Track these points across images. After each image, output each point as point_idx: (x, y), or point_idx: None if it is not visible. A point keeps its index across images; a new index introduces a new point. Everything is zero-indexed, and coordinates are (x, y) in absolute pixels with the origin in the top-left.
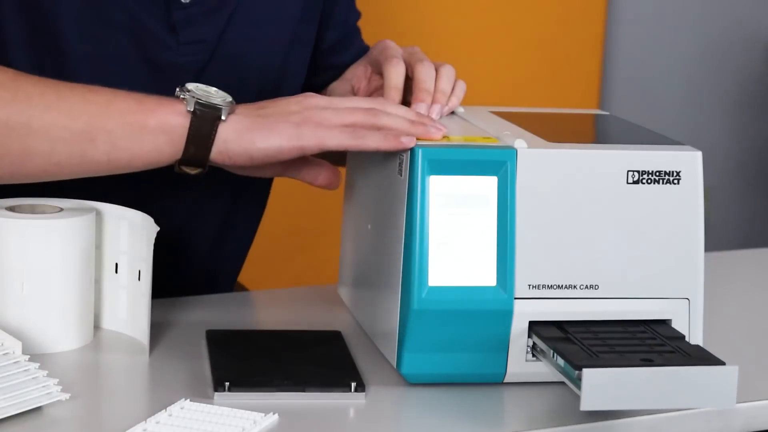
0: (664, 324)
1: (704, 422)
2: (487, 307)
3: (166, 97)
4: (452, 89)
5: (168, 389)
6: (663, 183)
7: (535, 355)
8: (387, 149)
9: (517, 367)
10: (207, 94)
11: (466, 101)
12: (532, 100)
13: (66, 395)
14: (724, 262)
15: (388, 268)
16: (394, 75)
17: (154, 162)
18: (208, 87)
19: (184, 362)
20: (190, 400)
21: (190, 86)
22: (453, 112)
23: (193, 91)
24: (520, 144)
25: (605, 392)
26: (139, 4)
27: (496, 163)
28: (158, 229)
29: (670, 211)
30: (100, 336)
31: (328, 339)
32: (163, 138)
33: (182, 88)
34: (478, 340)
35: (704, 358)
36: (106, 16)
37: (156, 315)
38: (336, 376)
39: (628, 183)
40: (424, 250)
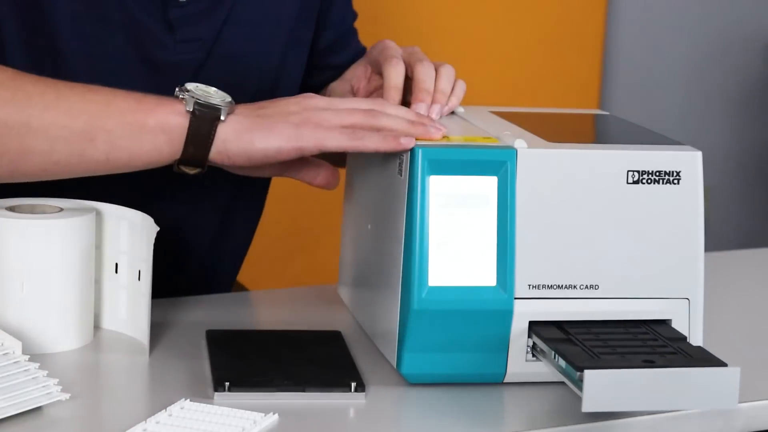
0: (664, 324)
1: (704, 422)
2: (487, 307)
3: (165, 97)
4: (452, 89)
5: (168, 389)
6: (663, 183)
7: (535, 355)
8: (386, 150)
9: (517, 367)
10: (206, 95)
11: (466, 101)
12: (532, 100)
13: (66, 395)
14: (724, 262)
15: (388, 268)
16: (394, 75)
17: (154, 162)
18: (208, 87)
19: (184, 362)
20: (190, 400)
21: (189, 86)
22: (453, 112)
23: (193, 91)
24: (520, 144)
25: (607, 394)
26: (136, 3)
27: (496, 163)
28: (158, 229)
29: (670, 211)
30: (100, 336)
31: (328, 339)
32: (163, 138)
33: (182, 88)
34: (478, 340)
35: (706, 359)
36: (102, 15)
37: (156, 315)
38: (336, 376)
39: (628, 183)
40: (424, 250)
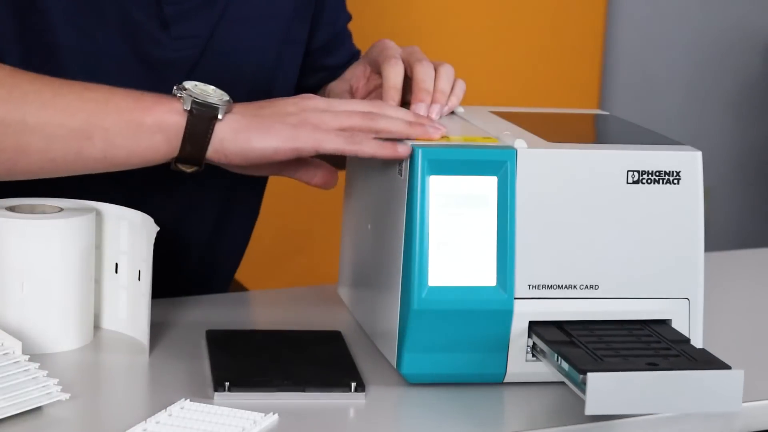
0: (664, 324)
1: (704, 422)
2: (487, 307)
3: (163, 95)
4: (452, 88)
5: (168, 389)
6: (663, 183)
7: (535, 355)
8: (382, 157)
9: (517, 367)
10: (204, 93)
11: (466, 101)
12: (532, 100)
13: (66, 395)
14: (724, 262)
15: (388, 268)
16: (393, 75)
17: (151, 160)
18: (206, 85)
19: (184, 362)
20: (190, 400)
21: (187, 84)
22: (453, 112)
23: (191, 90)
24: (520, 144)
25: (610, 396)
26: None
27: (496, 163)
28: (158, 229)
29: (670, 211)
30: (100, 336)
31: (328, 339)
32: (160, 136)
33: (179, 86)
34: (478, 340)
35: (709, 361)
36: (97, 11)
37: (156, 315)
38: (336, 376)
39: (628, 183)
40: (424, 250)
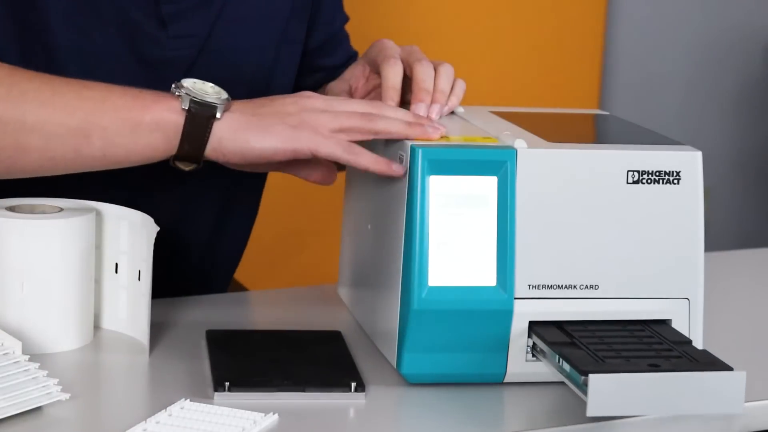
0: (664, 324)
1: (704, 422)
2: (487, 307)
3: (161, 93)
4: (451, 88)
5: (168, 389)
6: (663, 183)
7: (535, 355)
8: (376, 172)
9: (517, 367)
10: (203, 91)
11: (466, 101)
12: (532, 100)
13: (66, 395)
14: (724, 262)
15: (388, 268)
16: (392, 75)
17: (149, 158)
18: (204, 83)
19: (184, 362)
20: (190, 400)
21: (186, 82)
22: (453, 112)
23: (189, 88)
24: (520, 144)
25: (612, 398)
26: None
27: (496, 163)
28: (158, 229)
29: (670, 211)
30: (100, 336)
31: (328, 339)
32: (158, 135)
33: (178, 84)
34: (478, 340)
35: (711, 363)
36: (94, 10)
37: (156, 315)
38: (336, 376)
39: (628, 183)
40: (424, 250)
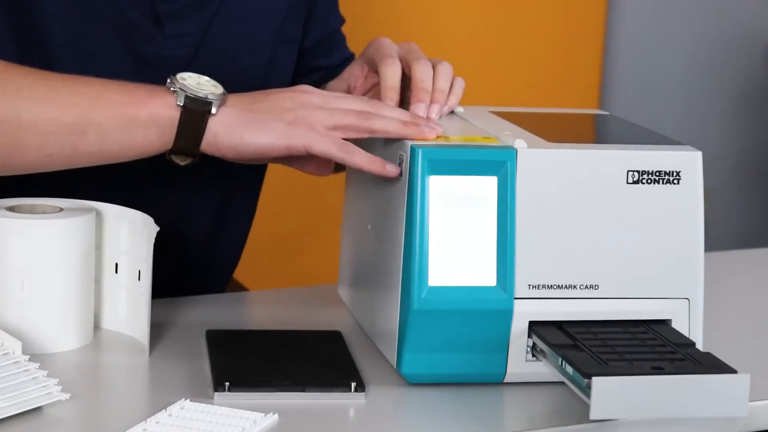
0: (664, 324)
1: (705, 423)
2: (487, 307)
3: (157, 88)
4: (450, 87)
5: (168, 389)
6: (663, 183)
7: (535, 355)
8: (371, 171)
9: (517, 367)
10: (198, 85)
11: (466, 101)
12: (532, 100)
13: (66, 395)
14: (724, 262)
15: (388, 268)
16: (390, 74)
17: (145, 153)
18: (200, 76)
19: (184, 362)
20: (190, 400)
21: (182, 76)
22: (452, 112)
23: (184, 83)
24: (520, 144)
25: (615, 401)
26: None
27: (496, 163)
28: (158, 228)
29: (670, 211)
30: (100, 336)
31: (328, 339)
32: (154, 130)
33: (173, 79)
34: (478, 340)
35: (715, 365)
36: (90, 10)
37: (156, 315)
38: (336, 376)
39: (628, 183)
40: (424, 250)
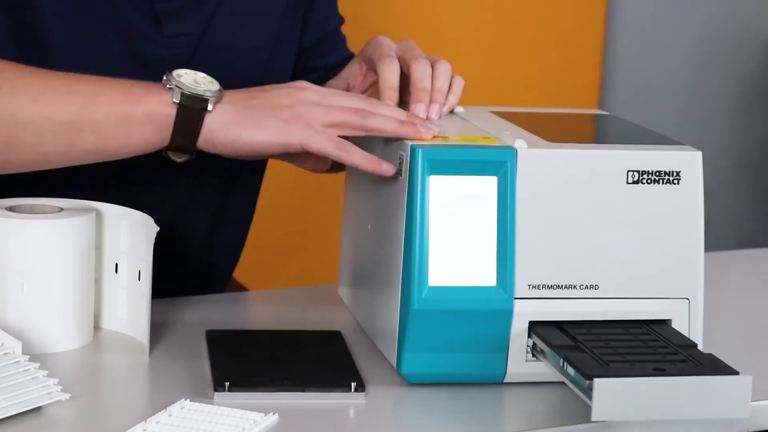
0: (664, 324)
1: (705, 422)
2: (487, 307)
3: (153, 85)
4: (450, 86)
5: (168, 389)
6: (663, 183)
7: (535, 355)
8: (367, 170)
9: (517, 367)
10: (194, 83)
11: (466, 101)
12: (532, 100)
13: (66, 395)
14: (724, 262)
15: (388, 268)
16: (388, 74)
17: (141, 150)
18: (196, 72)
19: (184, 362)
20: (190, 400)
21: (177, 73)
22: (452, 112)
23: (180, 81)
24: (520, 144)
25: (616, 402)
26: None
27: (496, 163)
28: (158, 228)
29: (670, 211)
30: (100, 336)
31: (328, 339)
32: (150, 128)
33: (169, 76)
34: (478, 340)
35: (717, 367)
36: (89, 9)
37: (156, 315)
38: (336, 376)
39: (628, 183)
40: (424, 250)
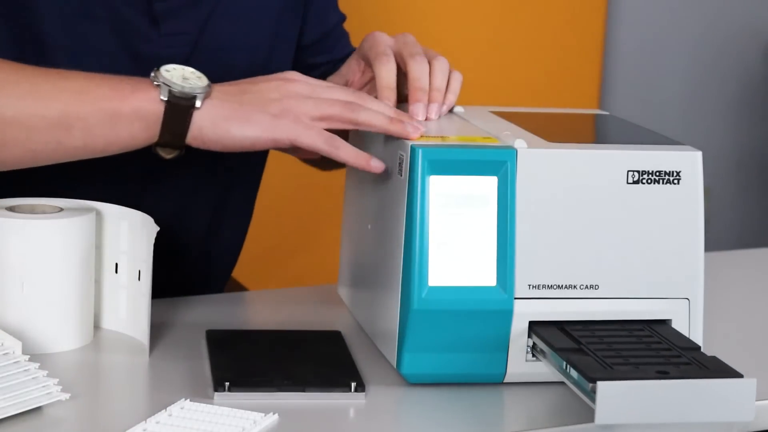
0: (664, 324)
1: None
2: (487, 307)
3: (141, 81)
4: (448, 84)
5: (168, 389)
6: (663, 183)
7: (535, 355)
8: (355, 166)
9: (517, 367)
10: (182, 79)
11: (466, 101)
12: (532, 100)
13: (66, 395)
14: (724, 262)
15: (388, 268)
16: (385, 74)
17: (130, 146)
18: (184, 68)
19: (184, 362)
20: (190, 400)
21: (165, 69)
22: (452, 111)
23: (168, 77)
24: (520, 144)
25: (620, 405)
26: None
27: (496, 163)
28: (158, 228)
29: (670, 211)
30: (100, 336)
31: (328, 339)
32: (138, 125)
33: (157, 73)
34: (478, 340)
35: (721, 369)
36: (87, 9)
37: (156, 315)
38: (336, 376)
39: (628, 183)
40: (424, 250)
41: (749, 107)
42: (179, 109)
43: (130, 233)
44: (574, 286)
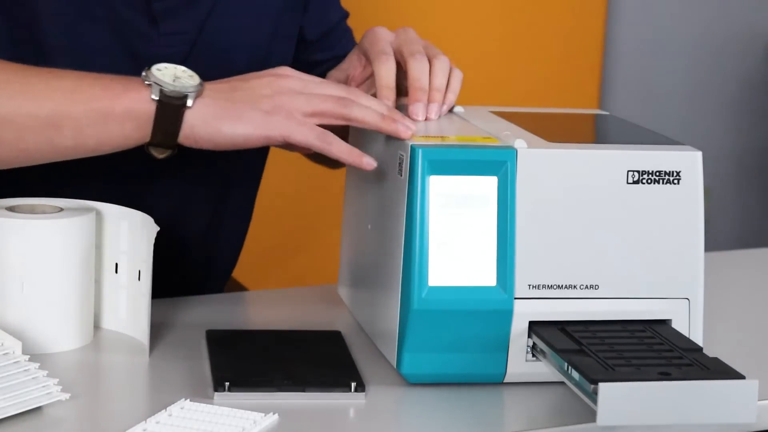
0: (664, 324)
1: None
2: (487, 307)
3: (133, 81)
4: (448, 82)
5: (168, 389)
6: (663, 183)
7: (535, 355)
8: (348, 162)
9: (517, 367)
10: (174, 78)
11: (466, 101)
12: (532, 100)
13: (66, 395)
14: (724, 262)
15: (388, 268)
16: (384, 73)
17: (121, 146)
18: (176, 66)
19: (184, 362)
20: (190, 400)
21: (157, 68)
22: (452, 111)
23: (159, 76)
24: (520, 144)
25: (622, 407)
26: None
27: (496, 163)
28: (158, 228)
29: (670, 211)
30: (100, 336)
31: (328, 339)
32: (130, 125)
33: (148, 72)
34: (478, 340)
35: (723, 371)
36: (85, 8)
37: (156, 315)
38: (336, 376)
39: (628, 183)
40: (424, 250)
41: (749, 107)
42: (170, 108)
43: (130, 233)
44: (574, 286)
